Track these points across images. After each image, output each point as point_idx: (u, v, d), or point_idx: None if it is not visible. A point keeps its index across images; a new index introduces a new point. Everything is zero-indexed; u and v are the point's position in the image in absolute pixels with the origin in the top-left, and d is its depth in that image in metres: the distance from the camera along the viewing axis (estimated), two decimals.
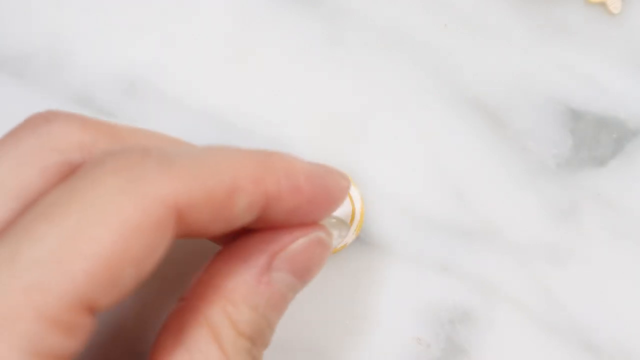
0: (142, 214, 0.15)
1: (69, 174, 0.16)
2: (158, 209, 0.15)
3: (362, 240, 0.26)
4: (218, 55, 0.27)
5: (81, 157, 0.17)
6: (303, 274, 0.19)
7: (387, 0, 0.27)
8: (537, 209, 0.26)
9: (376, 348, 0.26)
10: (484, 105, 0.27)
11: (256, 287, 0.18)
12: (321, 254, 0.20)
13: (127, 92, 0.26)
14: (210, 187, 0.16)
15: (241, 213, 0.17)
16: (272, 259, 0.19)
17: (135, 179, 0.15)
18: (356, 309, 0.26)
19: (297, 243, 0.19)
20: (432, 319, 0.25)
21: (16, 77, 0.26)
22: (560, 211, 0.26)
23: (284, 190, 0.18)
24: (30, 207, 0.15)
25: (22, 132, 0.18)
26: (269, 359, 0.25)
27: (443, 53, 0.27)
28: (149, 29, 0.27)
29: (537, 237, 0.26)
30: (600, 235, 0.26)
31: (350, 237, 0.25)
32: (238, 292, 0.18)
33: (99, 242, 0.14)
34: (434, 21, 0.27)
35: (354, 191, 0.25)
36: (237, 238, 0.19)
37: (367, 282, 0.26)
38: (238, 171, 0.17)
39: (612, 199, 0.26)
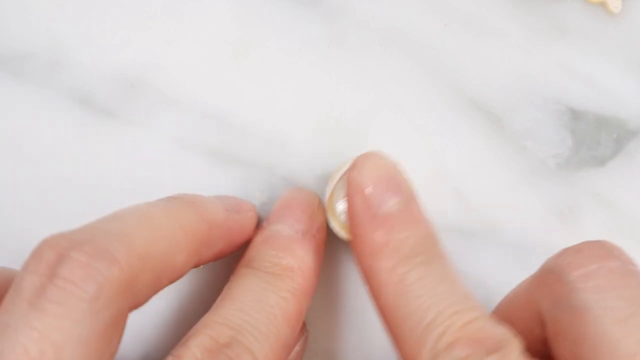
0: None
1: None
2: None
3: None
4: (218, 55, 0.27)
5: None
6: None
7: (387, 0, 0.27)
8: (537, 209, 0.26)
9: (376, 348, 0.26)
10: (484, 105, 0.27)
11: None
12: None
13: (127, 92, 0.26)
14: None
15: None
16: None
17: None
18: (356, 308, 0.26)
19: None
20: None
21: (16, 77, 0.26)
22: (560, 211, 0.26)
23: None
24: None
25: None
26: None
27: (443, 53, 0.27)
28: (148, 28, 0.26)
29: (537, 236, 0.26)
30: (599, 235, 0.26)
31: None
32: None
33: None
34: (434, 21, 0.27)
35: None
36: None
37: None
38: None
39: (612, 198, 0.26)
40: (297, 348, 0.23)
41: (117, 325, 0.18)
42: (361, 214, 0.21)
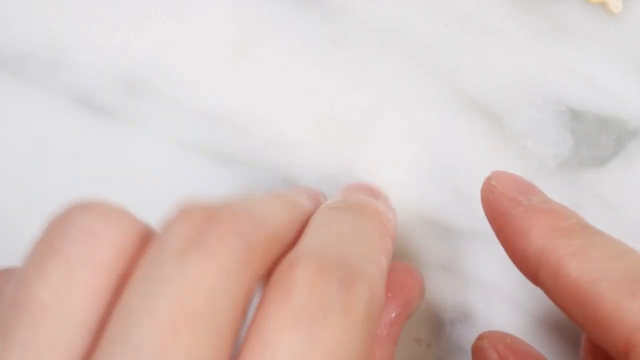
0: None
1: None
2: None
3: None
4: (218, 55, 0.27)
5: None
6: None
7: (387, 0, 0.27)
8: None
9: None
10: (484, 105, 0.27)
11: None
12: None
13: (127, 92, 0.26)
14: None
15: None
16: None
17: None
18: None
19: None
20: (432, 319, 0.25)
21: (16, 77, 0.26)
22: None
23: None
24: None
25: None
26: None
27: (443, 53, 0.27)
28: (148, 28, 0.26)
29: None
30: None
31: None
32: None
33: None
34: (434, 21, 0.27)
35: None
36: None
37: None
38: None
39: (612, 199, 0.26)
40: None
41: (251, 295, 0.17)
42: (511, 210, 0.21)
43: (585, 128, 0.27)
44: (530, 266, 0.20)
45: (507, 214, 0.21)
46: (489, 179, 0.22)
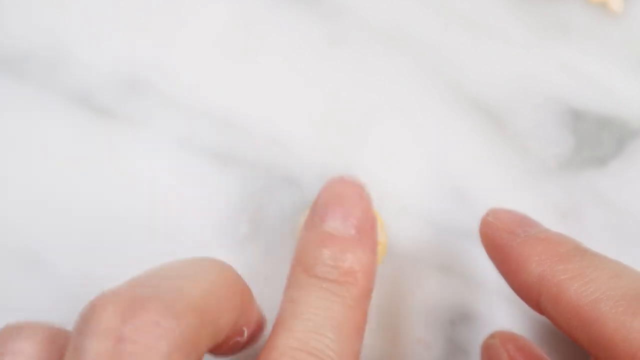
0: None
1: None
2: None
3: None
4: (218, 55, 0.27)
5: None
6: None
7: (387, 0, 0.27)
8: (538, 209, 0.26)
9: (377, 349, 0.25)
10: (485, 105, 0.27)
11: None
12: None
13: (126, 92, 0.26)
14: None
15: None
16: None
17: None
18: None
19: None
20: (432, 319, 0.25)
21: (16, 76, 0.26)
22: (561, 211, 0.26)
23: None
24: None
25: None
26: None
27: (444, 53, 0.27)
28: (149, 28, 0.27)
29: None
30: (601, 235, 0.26)
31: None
32: None
33: None
34: (435, 21, 0.27)
35: (379, 227, 0.25)
36: None
37: None
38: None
39: (613, 199, 0.26)
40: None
41: None
42: (510, 242, 0.21)
43: (586, 128, 0.27)
44: (531, 295, 0.21)
45: (506, 246, 0.21)
46: (486, 216, 0.23)
